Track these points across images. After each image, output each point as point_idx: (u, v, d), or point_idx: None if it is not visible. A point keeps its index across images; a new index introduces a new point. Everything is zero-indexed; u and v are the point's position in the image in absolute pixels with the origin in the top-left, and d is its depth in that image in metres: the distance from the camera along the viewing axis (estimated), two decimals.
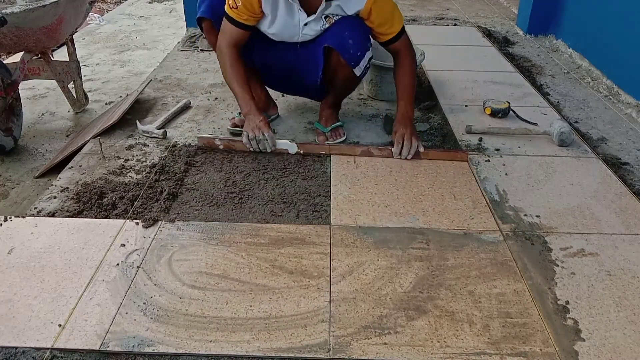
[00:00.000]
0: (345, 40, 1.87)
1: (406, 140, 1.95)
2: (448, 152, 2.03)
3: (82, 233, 1.57)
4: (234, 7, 1.85)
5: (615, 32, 2.78)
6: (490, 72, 2.93)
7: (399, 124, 1.99)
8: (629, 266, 1.49)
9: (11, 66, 2.25)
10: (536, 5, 3.58)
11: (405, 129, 1.97)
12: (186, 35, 3.63)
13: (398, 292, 1.37)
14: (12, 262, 1.45)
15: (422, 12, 4.36)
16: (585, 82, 2.89)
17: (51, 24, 2.27)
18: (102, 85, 3.01)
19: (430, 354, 1.19)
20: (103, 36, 4.02)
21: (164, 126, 2.27)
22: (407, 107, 1.99)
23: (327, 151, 2.01)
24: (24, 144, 2.35)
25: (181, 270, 1.43)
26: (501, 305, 1.34)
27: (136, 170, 1.94)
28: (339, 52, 1.89)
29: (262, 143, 1.97)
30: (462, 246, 1.55)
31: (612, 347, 1.23)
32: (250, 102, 1.96)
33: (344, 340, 1.23)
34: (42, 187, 2.02)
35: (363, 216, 1.67)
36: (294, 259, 1.48)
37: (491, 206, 1.74)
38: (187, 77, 2.90)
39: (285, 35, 1.96)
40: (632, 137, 2.28)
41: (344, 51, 1.89)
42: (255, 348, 1.20)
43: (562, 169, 1.97)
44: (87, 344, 1.20)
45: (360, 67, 1.95)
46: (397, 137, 1.97)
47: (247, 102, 1.96)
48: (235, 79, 1.96)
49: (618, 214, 1.72)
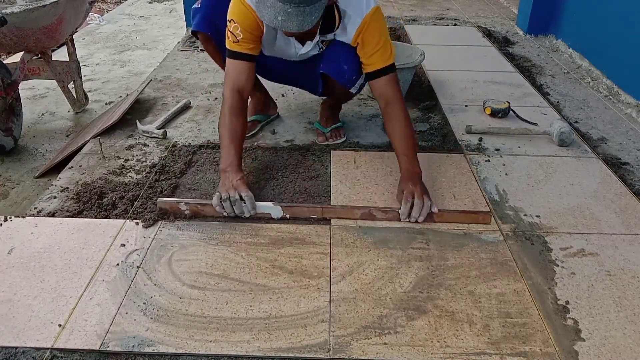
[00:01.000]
0: (340, 67, 1.82)
1: (417, 199, 1.63)
2: (468, 213, 1.67)
3: (82, 233, 1.57)
4: (236, 40, 1.70)
5: (615, 32, 2.78)
6: (490, 72, 2.93)
7: (405, 181, 1.69)
8: (629, 266, 1.49)
9: (11, 66, 2.25)
10: (536, 5, 3.58)
11: (414, 186, 1.66)
12: (186, 35, 3.63)
13: (398, 292, 1.37)
14: (12, 262, 1.45)
15: (422, 12, 4.36)
16: (585, 82, 2.89)
17: (51, 24, 2.27)
18: (102, 85, 3.01)
19: (430, 354, 1.19)
20: (103, 36, 4.02)
21: (164, 126, 2.27)
22: (412, 163, 1.72)
23: (320, 214, 1.65)
24: (24, 144, 2.35)
25: (181, 270, 1.43)
26: (501, 305, 1.34)
27: (136, 170, 1.94)
28: (335, 78, 1.85)
29: (238, 205, 1.61)
30: (462, 246, 1.55)
31: (612, 347, 1.23)
32: (232, 158, 1.69)
33: (344, 340, 1.23)
34: (42, 187, 2.02)
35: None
36: (294, 259, 1.48)
37: (491, 206, 1.74)
38: (187, 77, 2.90)
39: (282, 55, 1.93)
40: (632, 137, 2.28)
41: (339, 77, 1.84)
42: (255, 348, 1.20)
43: (562, 169, 1.97)
44: (87, 344, 1.20)
45: (356, 87, 1.91)
46: (406, 194, 1.65)
47: (230, 157, 1.69)
48: (228, 131, 1.74)
49: (618, 214, 1.72)
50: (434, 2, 4.73)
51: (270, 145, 2.12)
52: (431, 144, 2.17)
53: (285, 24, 1.50)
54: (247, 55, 1.75)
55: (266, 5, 1.50)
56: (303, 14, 1.48)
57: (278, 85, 2.44)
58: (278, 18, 1.49)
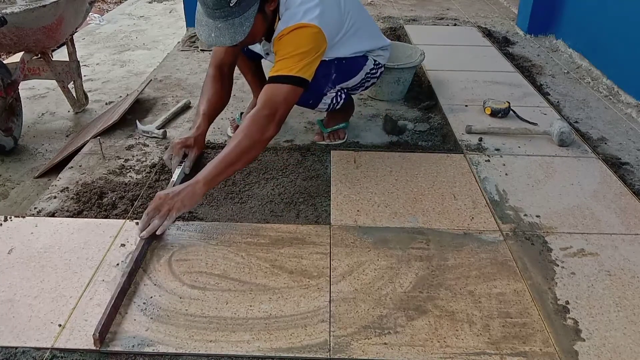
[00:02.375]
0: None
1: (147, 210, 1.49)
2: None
3: (82, 233, 1.57)
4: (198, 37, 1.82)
5: (615, 32, 2.78)
6: (490, 72, 2.93)
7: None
8: (629, 266, 1.49)
9: (11, 66, 2.25)
10: (536, 5, 3.58)
11: (166, 195, 1.49)
12: (186, 35, 3.63)
13: (398, 292, 1.37)
14: (12, 262, 1.45)
15: (422, 12, 4.37)
16: (585, 82, 2.89)
17: (51, 24, 2.27)
18: (102, 85, 3.01)
19: (430, 354, 1.19)
20: (103, 36, 4.02)
21: (164, 126, 2.27)
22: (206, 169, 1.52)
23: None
24: (24, 144, 2.34)
25: (181, 270, 1.43)
26: (501, 305, 1.34)
27: (136, 170, 1.94)
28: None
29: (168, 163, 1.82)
30: (462, 246, 1.55)
31: (612, 347, 1.23)
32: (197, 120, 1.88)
33: (344, 340, 1.23)
34: (42, 187, 2.01)
35: (363, 216, 1.67)
36: (294, 259, 1.48)
37: (491, 206, 1.74)
38: (187, 77, 2.90)
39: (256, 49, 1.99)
40: (632, 137, 2.28)
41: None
42: (255, 348, 1.20)
43: (562, 169, 1.97)
44: (87, 344, 1.20)
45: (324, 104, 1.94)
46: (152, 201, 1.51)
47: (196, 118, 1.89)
48: (201, 95, 1.91)
49: (618, 214, 1.72)
50: (434, 2, 4.73)
51: (270, 145, 2.11)
52: (431, 144, 2.17)
53: (219, 39, 1.56)
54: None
55: (201, 24, 1.58)
56: (233, 26, 1.53)
57: None
58: (212, 35, 1.56)
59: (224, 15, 1.52)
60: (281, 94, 1.59)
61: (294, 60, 1.59)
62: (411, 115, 2.43)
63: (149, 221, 1.48)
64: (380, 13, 4.29)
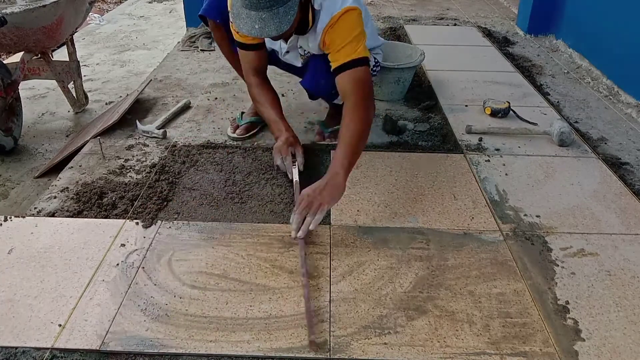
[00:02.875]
0: (318, 82, 1.88)
1: (299, 208, 1.52)
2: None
3: (82, 233, 1.57)
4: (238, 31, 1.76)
5: (615, 32, 2.78)
6: (490, 72, 2.93)
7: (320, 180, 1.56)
8: (629, 266, 1.49)
9: (11, 66, 2.25)
10: (536, 5, 3.58)
11: (313, 191, 1.53)
12: (186, 35, 3.62)
13: (398, 292, 1.37)
14: (12, 262, 1.45)
15: (422, 12, 4.37)
16: (585, 82, 2.89)
17: (51, 24, 2.27)
18: (102, 85, 3.01)
19: (430, 354, 1.19)
20: (103, 36, 4.02)
21: (164, 126, 2.27)
22: (337, 161, 1.57)
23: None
24: (24, 144, 2.35)
25: (181, 270, 1.43)
26: (501, 305, 1.34)
27: (136, 170, 1.94)
28: (314, 94, 1.93)
29: (282, 167, 1.84)
30: (462, 246, 1.55)
31: (612, 347, 1.23)
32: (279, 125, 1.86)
33: (344, 340, 1.23)
34: (42, 187, 2.02)
35: (363, 216, 1.67)
36: (294, 259, 1.48)
37: (491, 206, 1.74)
38: (187, 77, 2.90)
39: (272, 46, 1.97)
40: (632, 137, 2.28)
41: (318, 92, 1.93)
42: (255, 348, 1.20)
43: (562, 169, 1.97)
44: (87, 344, 1.20)
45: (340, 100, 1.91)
46: (300, 198, 1.54)
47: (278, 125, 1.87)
48: (262, 105, 1.90)
49: (618, 214, 1.72)
50: (434, 2, 4.73)
51: (270, 145, 2.11)
52: (431, 144, 2.17)
53: (264, 30, 1.52)
54: (255, 45, 1.86)
55: (241, 18, 1.53)
56: (278, 15, 1.49)
57: (278, 85, 2.45)
58: (255, 27, 1.51)
59: (269, 5, 1.48)
60: (363, 75, 1.66)
61: (354, 44, 1.65)
62: (411, 115, 2.43)
63: (302, 220, 1.51)
64: (380, 13, 4.29)
